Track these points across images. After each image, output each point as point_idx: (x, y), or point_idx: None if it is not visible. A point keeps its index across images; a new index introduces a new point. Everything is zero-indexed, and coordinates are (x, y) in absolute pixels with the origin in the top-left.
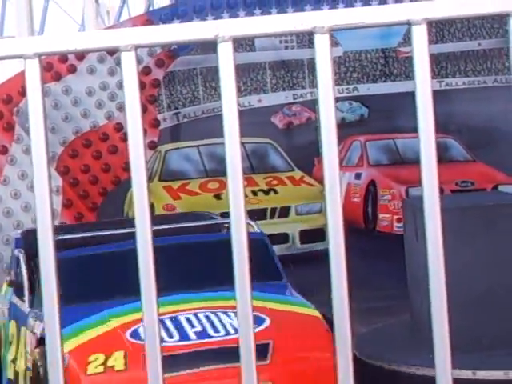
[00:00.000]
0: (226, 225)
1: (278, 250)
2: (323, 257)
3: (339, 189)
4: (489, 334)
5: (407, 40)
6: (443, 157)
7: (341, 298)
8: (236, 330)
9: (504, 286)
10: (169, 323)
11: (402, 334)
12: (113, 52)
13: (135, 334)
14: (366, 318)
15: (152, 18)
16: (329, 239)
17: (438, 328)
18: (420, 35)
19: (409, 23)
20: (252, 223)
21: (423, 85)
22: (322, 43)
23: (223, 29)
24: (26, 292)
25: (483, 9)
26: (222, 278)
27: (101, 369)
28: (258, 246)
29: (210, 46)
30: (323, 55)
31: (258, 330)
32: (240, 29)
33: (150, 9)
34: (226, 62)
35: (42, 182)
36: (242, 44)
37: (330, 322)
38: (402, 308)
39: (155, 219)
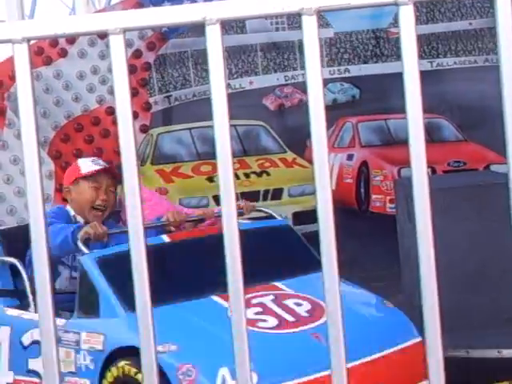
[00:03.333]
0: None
1: None
2: (316, 238)
3: (328, 170)
4: (481, 313)
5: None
6: (435, 137)
7: (331, 278)
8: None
9: (495, 265)
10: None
11: None
12: (103, 35)
13: None
14: None
15: (142, 0)
16: (318, 220)
17: (429, 308)
18: (407, 16)
19: (396, 4)
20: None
21: (410, 65)
22: (309, 24)
23: (211, 11)
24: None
25: None
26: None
27: None
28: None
29: (200, 29)
30: (311, 36)
31: None
32: (227, 11)
33: None
34: (214, 44)
35: (33, 167)
36: (233, 26)
37: None
38: (395, 288)
39: None
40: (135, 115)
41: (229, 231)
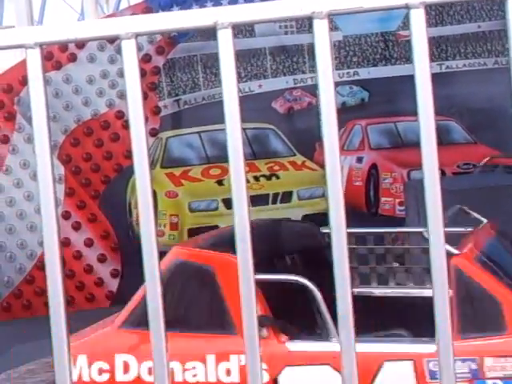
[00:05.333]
0: None
1: None
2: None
3: (340, 173)
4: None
5: (407, 23)
6: (444, 139)
7: (343, 278)
8: None
9: None
10: None
11: None
12: (113, 40)
13: None
14: None
15: (151, 5)
16: (330, 223)
17: (440, 313)
18: (418, 18)
19: (407, 7)
20: None
21: (422, 68)
22: (320, 28)
23: (222, 15)
24: None
25: None
26: None
27: None
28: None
29: (209, 33)
30: (322, 40)
31: None
32: (239, 15)
33: None
34: (225, 48)
35: (46, 171)
36: (242, 30)
37: None
38: None
39: None
40: (145, 119)
41: (241, 234)
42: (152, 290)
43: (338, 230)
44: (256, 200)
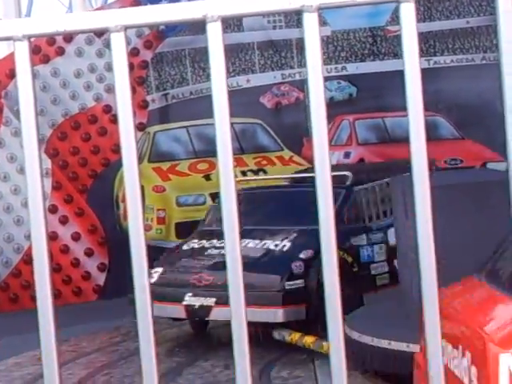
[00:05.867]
0: None
1: None
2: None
3: (329, 168)
4: None
5: (395, 18)
6: (432, 135)
7: (331, 272)
8: None
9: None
10: None
11: (393, 311)
12: (101, 34)
13: None
14: None
15: None
16: (319, 218)
17: (429, 309)
18: (408, 13)
19: (397, 1)
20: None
21: (411, 63)
22: (310, 22)
23: (212, 8)
24: None
25: None
26: None
27: None
28: None
29: (198, 27)
30: (311, 34)
31: None
32: (228, 8)
33: None
34: (215, 41)
35: (33, 165)
36: (230, 24)
37: None
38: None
39: None
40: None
41: (229, 232)
42: (140, 284)
43: (327, 226)
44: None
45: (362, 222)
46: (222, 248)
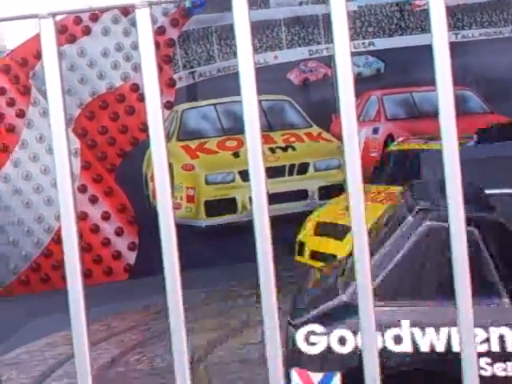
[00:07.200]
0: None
1: (297, 206)
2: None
3: (357, 144)
4: None
5: None
6: (460, 109)
7: (361, 249)
8: None
9: None
10: None
11: None
12: (127, 12)
13: None
14: None
15: None
16: (348, 195)
17: (460, 282)
18: None
19: None
20: None
21: (440, 37)
22: None
23: None
24: None
25: None
26: None
27: None
28: None
29: (223, 5)
30: (338, 10)
31: None
32: None
33: None
34: (241, 17)
35: (61, 145)
36: (257, 1)
37: None
38: None
39: None
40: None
41: (258, 209)
42: (169, 263)
43: (356, 202)
44: (272, 172)
45: None
46: None
